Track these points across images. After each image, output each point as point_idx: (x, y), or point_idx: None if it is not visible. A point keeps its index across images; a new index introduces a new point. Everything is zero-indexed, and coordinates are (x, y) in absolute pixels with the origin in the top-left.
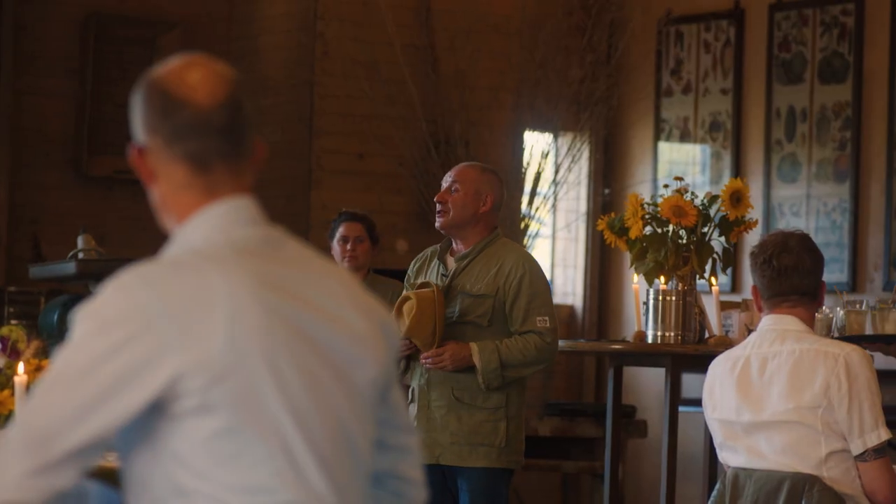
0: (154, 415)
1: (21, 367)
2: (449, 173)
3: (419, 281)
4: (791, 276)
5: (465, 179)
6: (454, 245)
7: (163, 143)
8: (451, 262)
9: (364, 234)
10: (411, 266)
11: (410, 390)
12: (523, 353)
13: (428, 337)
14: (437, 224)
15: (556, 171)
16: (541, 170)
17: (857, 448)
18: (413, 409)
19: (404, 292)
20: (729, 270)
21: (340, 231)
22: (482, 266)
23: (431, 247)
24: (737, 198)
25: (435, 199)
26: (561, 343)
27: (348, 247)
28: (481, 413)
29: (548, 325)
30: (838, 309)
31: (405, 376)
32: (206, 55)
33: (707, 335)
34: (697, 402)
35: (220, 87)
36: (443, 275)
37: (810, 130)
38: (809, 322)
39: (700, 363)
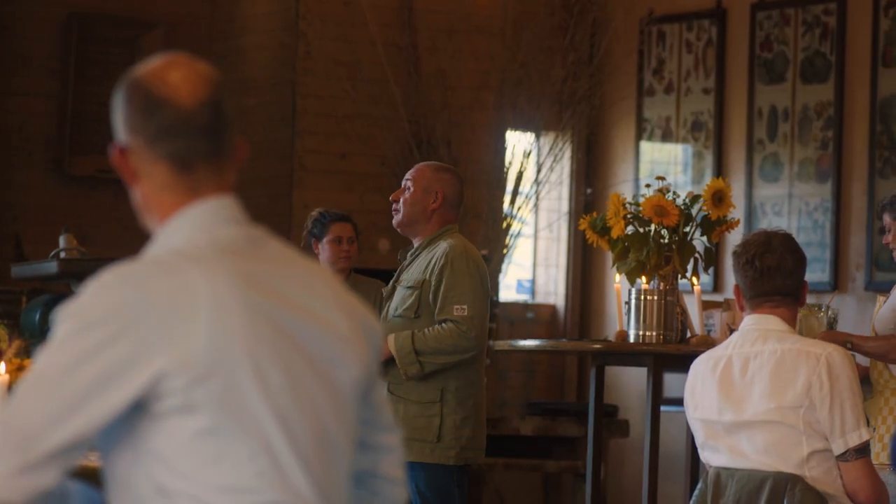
0: (136, 414)
1: (3, 366)
2: (407, 173)
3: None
4: (773, 277)
5: (417, 178)
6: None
7: (145, 142)
8: (405, 260)
9: (354, 235)
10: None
11: None
12: (437, 339)
13: None
14: (393, 223)
15: (539, 171)
16: (523, 169)
17: (838, 448)
18: None
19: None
20: (711, 270)
21: (334, 232)
22: (421, 260)
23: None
24: (719, 197)
25: (390, 199)
26: (543, 342)
27: (343, 248)
28: (416, 407)
29: (465, 313)
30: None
31: None
32: (187, 55)
33: (689, 335)
34: (679, 402)
35: (202, 86)
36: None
37: (792, 130)
38: (791, 322)
39: (682, 363)
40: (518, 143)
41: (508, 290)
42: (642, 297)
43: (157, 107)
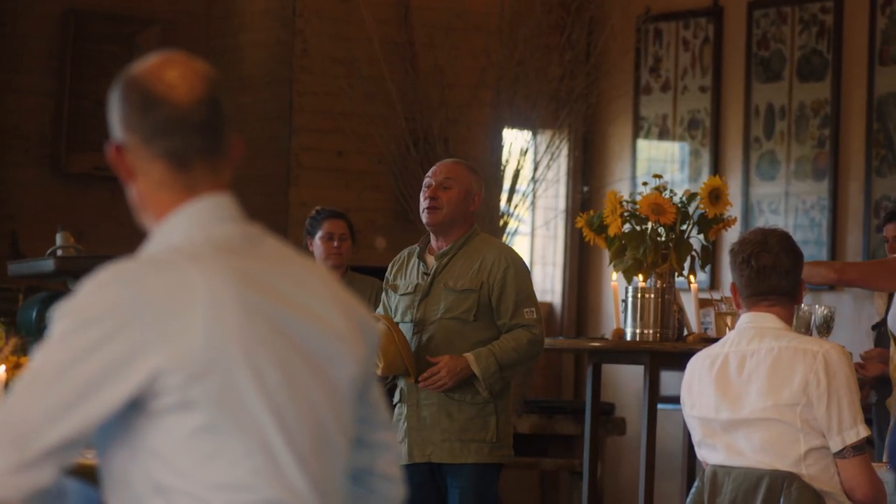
0: (133, 412)
1: (1, 366)
2: (437, 170)
3: (398, 283)
4: (770, 276)
5: (458, 177)
6: (433, 243)
7: (141, 140)
8: (431, 261)
9: (347, 232)
10: (389, 269)
11: (399, 390)
12: (517, 350)
13: (401, 369)
14: (427, 219)
15: (535, 169)
16: (520, 167)
17: (836, 445)
18: (403, 408)
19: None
20: (707, 268)
21: (325, 228)
22: (463, 262)
23: (408, 248)
24: (715, 195)
25: (428, 195)
26: None
27: (334, 244)
28: (471, 409)
29: (535, 316)
30: (817, 307)
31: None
32: (183, 53)
33: (685, 332)
34: (676, 400)
35: (198, 84)
36: (424, 273)
37: (789, 128)
38: (788, 320)
39: (679, 360)
40: (515, 141)
41: None
42: (639, 294)
43: (154, 104)
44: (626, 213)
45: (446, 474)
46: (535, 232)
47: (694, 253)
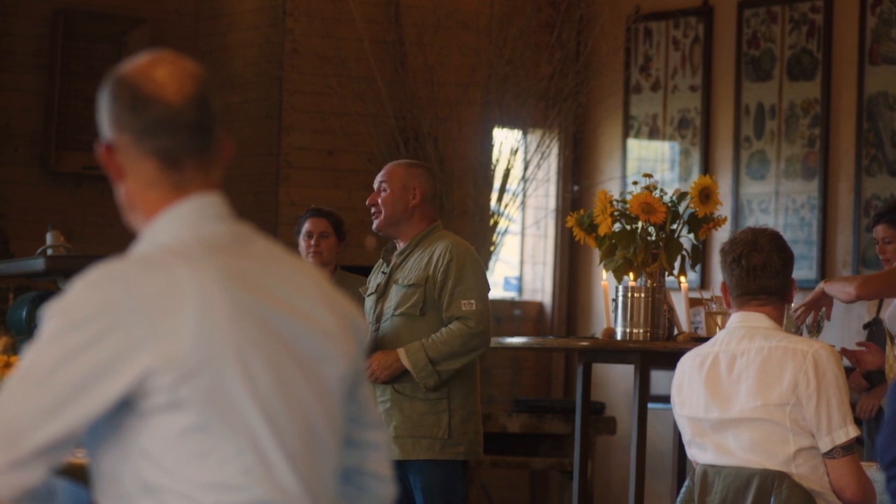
0: (123, 412)
1: None
2: (378, 175)
3: (369, 285)
4: (760, 276)
5: (391, 178)
6: (397, 244)
7: (131, 139)
8: (394, 260)
9: (329, 230)
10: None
11: None
12: (449, 344)
13: None
14: (373, 227)
15: (525, 168)
16: (510, 166)
17: (825, 445)
18: None
19: None
20: (698, 267)
21: (305, 227)
22: (416, 258)
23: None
24: (706, 195)
25: (367, 203)
26: (530, 340)
27: (312, 242)
28: (423, 405)
29: (473, 307)
30: None
31: None
32: (173, 52)
33: (676, 332)
34: (666, 399)
35: (189, 83)
36: (383, 272)
37: (779, 127)
38: (778, 319)
39: (669, 360)
40: (505, 140)
41: (495, 288)
42: (629, 294)
43: (145, 104)
44: (616, 213)
45: (408, 474)
46: (525, 231)
47: (684, 252)
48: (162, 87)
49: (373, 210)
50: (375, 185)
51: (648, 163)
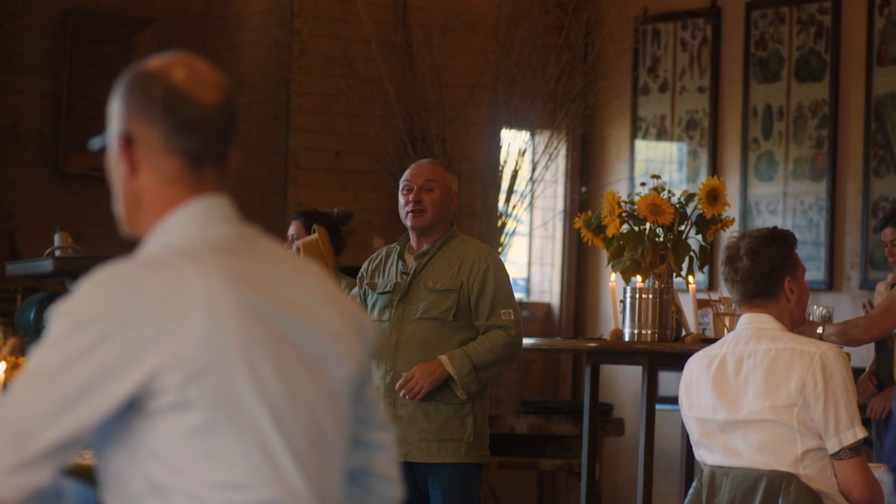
0: (131, 412)
1: (2, 364)
2: (416, 171)
3: (376, 281)
4: (745, 282)
5: (439, 179)
6: (412, 242)
7: (160, 135)
8: (411, 260)
9: (302, 233)
10: (365, 265)
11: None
12: (492, 350)
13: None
14: (413, 223)
15: (533, 169)
16: (518, 167)
17: (832, 446)
18: None
19: (355, 289)
20: (706, 268)
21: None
22: (443, 262)
23: (386, 246)
24: (713, 196)
25: (412, 198)
26: (538, 341)
27: (286, 245)
28: (448, 408)
29: (512, 317)
30: (815, 307)
31: None
32: (195, 55)
33: (683, 333)
34: (674, 400)
35: (218, 88)
36: (403, 272)
37: (787, 129)
38: (783, 319)
39: (677, 361)
40: (513, 142)
41: None
42: (637, 295)
43: (179, 102)
44: (624, 214)
45: (426, 476)
46: (533, 232)
47: (692, 253)
48: (197, 88)
49: (413, 206)
50: (418, 183)
51: (656, 164)
